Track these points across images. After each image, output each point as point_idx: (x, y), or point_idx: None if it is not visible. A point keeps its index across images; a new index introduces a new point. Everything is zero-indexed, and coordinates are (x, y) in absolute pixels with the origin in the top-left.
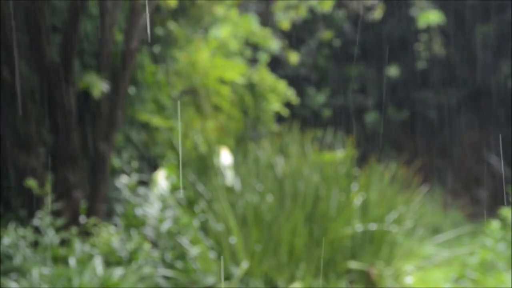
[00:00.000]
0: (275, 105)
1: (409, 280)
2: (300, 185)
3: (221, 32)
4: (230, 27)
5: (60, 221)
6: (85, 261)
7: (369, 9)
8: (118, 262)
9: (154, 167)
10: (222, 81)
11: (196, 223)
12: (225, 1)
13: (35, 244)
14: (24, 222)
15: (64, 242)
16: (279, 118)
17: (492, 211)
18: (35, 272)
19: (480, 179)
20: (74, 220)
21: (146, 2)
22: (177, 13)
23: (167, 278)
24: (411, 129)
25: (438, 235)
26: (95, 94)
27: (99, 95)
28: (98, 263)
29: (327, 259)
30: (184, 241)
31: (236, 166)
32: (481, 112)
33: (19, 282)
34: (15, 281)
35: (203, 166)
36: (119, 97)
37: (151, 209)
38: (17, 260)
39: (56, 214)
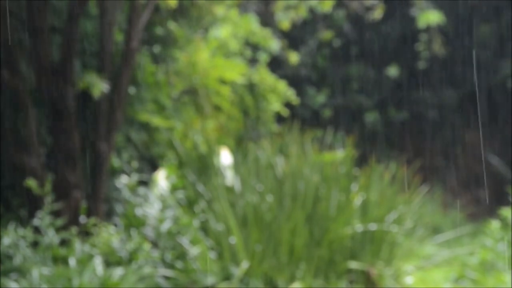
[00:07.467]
0: (275, 105)
1: (409, 280)
2: (300, 185)
3: (221, 32)
4: (230, 27)
5: (60, 221)
6: (85, 261)
7: (369, 9)
8: (118, 262)
9: (154, 167)
10: (222, 81)
11: (196, 223)
12: (225, 1)
13: (35, 244)
14: (24, 222)
15: (64, 242)
16: (279, 118)
17: (492, 211)
18: (35, 272)
19: (480, 179)
20: (74, 220)
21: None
22: (177, 13)
23: (167, 278)
24: (411, 129)
25: (438, 235)
26: (95, 94)
27: (99, 95)
28: (98, 263)
29: (327, 259)
30: (184, 241)
31: (236, 166)
32: (481, 112)
33: (19, 282)
34: (15, 281)
35: (203, 166)
36: (119, 97)
37: (151, 209)
38: (17, 260)
39: (56, 214)
